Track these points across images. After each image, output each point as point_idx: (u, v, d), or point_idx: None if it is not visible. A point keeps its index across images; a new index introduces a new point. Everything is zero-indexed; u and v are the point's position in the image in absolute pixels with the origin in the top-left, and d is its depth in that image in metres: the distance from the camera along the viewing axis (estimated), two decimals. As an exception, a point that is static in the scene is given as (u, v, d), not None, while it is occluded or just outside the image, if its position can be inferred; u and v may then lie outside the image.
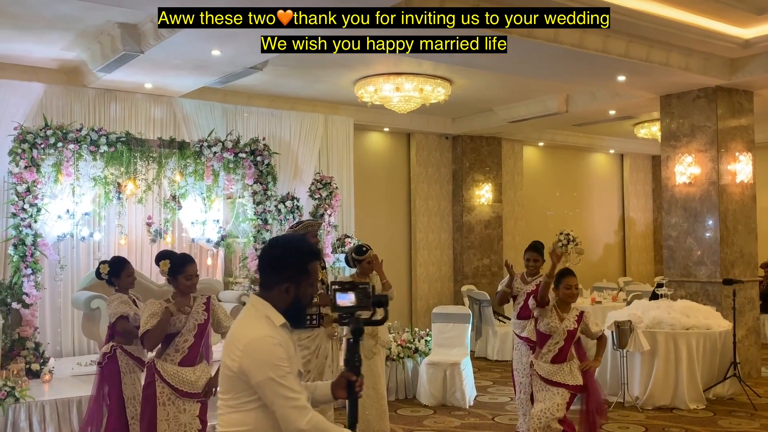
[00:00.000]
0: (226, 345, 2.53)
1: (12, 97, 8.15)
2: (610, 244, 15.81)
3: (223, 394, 2.51)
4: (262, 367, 2.41)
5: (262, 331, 2.47)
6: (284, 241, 2.71)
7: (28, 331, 7.29)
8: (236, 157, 8.57)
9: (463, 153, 13.04)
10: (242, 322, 2.56)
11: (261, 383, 2.41)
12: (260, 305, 2.56)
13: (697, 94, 9.20)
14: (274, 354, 2.44)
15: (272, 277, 2.58)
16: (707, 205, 9.15)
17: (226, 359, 2.47)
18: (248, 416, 2.46)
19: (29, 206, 7.35)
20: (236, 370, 2.44)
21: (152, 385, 4.45)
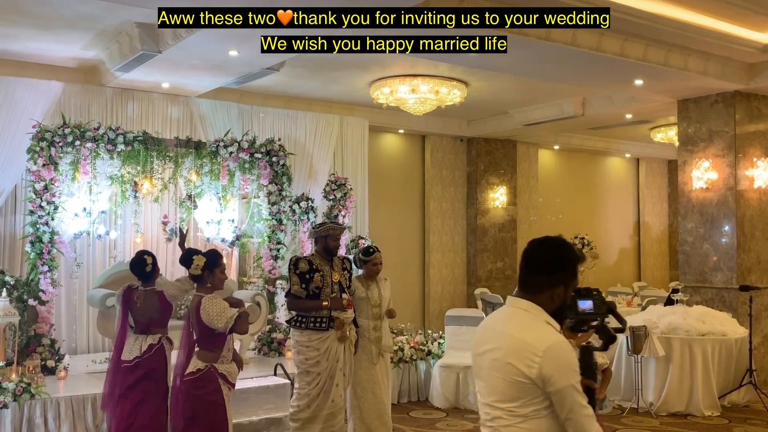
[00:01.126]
0: (510, 351, 2.42)
1: (31, 95, 8.21)
2: (625, 249, 15.73)
3: (509, 402, 2.41)
4: (565, 373, 2.36)
5: (556, 336, 2.43)
6: (559, 243, 2.62)
7: (43, 327, 7.34)
8: (252, 158, 8.60)
9: (478, 155, 13.02)
10: (525, 327, 2.46)
11: (562, 390, 2.35)
12: (534, 310, 2.49)
13: (715, 98, 9.14)
14: (574, 360, 2.41)
15: (543, 280, 2.52)
16: (724, 210, 9.08)
17: (517, 365, 2.38)
18: (541, 424, 2.39)
19: (47, 204, 7.39)
20: (533, 377, 2.35)
21: (217, 392, 4.43)
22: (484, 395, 2.53)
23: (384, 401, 6.13)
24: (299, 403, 5.69)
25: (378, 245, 10.15)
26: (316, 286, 5.64)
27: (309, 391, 5.65)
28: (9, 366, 6.52)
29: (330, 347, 5.65)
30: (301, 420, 5.67)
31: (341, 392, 5.73)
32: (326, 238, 5.83)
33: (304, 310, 5.68)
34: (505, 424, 2.42)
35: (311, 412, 5.64)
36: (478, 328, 2.71)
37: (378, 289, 6.12)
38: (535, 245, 2.61)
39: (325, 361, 5.64)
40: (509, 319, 2.54)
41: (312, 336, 5.64)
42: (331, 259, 5.82)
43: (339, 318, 5.66)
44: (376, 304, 6.07)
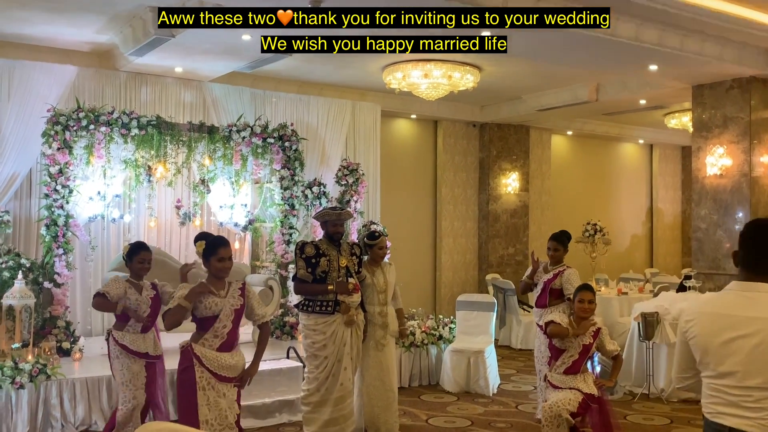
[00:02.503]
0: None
1: (46, 79, 8.27)
2: (637, 235, 15.67)
3: None
4: None
5: None
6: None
7: (59, 309, 7.42)
8: (264, 142, 8.61)
9: (491, 141, 12.98)
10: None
11: None
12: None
13: (731, 84, 9.07)
14: None
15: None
16: (738, 197, 9.03)
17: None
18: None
19: (61, 187, 7.45)
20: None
21: (190, 370, 4.27)
22: (742, 379, 2.65)
23: (391, 386, 6.16)
24: (309, 386, 5.74)
25: (389, 231, 10.27)
26: (322, 271, 5.66)
27: (317, 374, 5.69)
28: (25, 347, 6.60)
29: (336, 331, 5.67)
30: (312, 403, 5.72)
31: (350, 376, 5.77)
32: (326, 224, 5.83)
33: (311, 293, 5.70)
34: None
35: (321, 396, 5.69)
36: (702, 317, 2.81)
37: (383, 275, 6.13)
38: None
39: (332, 345, 5.66)
40: (757, 305, 2.66)
41: (318, 320, 5.67)
42: (338, 244, 5.84)
43: (345, 302, 5.68)
44: (381, 289, 6.09)
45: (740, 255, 2.77)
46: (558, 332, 5.24)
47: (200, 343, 4.30)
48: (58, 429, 6.10)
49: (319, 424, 5.70)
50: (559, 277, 6.26)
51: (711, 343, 2.76)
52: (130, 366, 5.14)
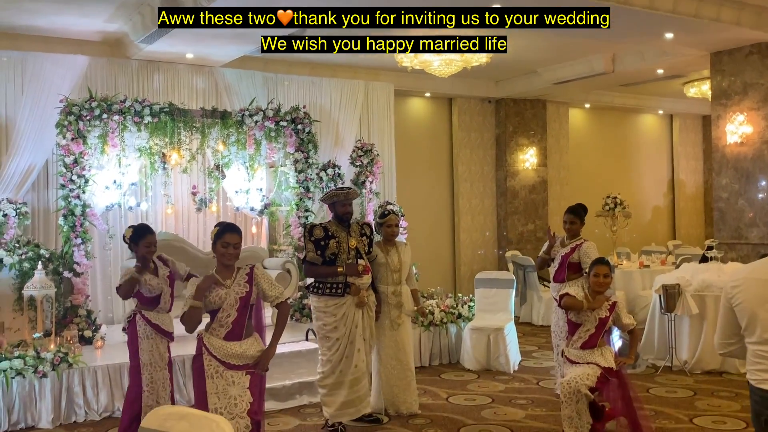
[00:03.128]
0: None
1: (58, 70, 8.30)
2: (659, 207, 15.49)
3: None
4: None
5: None
6: None
7: (79, 299, 7.49)
8: (277, 126, 8.59)
9: (507, 117, 12.86)
10: None
11: None
12: None
13: (750, 49, 8.87)
14: None
15: None
16: (760, 164, 8.86)
17: None
18: None
19: (77, 177, 7.50)
20: None
21: (199, 358, 4.28)
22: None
23: (409, 365, 6.16)
24: (324, 369, 5.76)
25: (406, 210, 10.24)
26: (332, 252, 5.65)
27: (330, 356, 5.70)
28: (48, 337, 6.68)
29: (347, 313, 5.66)
30: (328, 386, 5.73)
31: (364, 357, 5.77)
32: (334, 205, 5.80)
33: (320, 276, 5.69)
34: None
35: (336, 378, 5.70)
36: (748, 282, 2.88)
37: (398, 254, 6.11)
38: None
39: (342, 327, 5.66)
40: None
41: (329, 302, 5.66)
42: (348, 225, 5.81)
43: (355, 284, 5.67)
44: (396, 269, 6.06)
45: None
46: (572, 304, 5.18)
47: (209, 331, 4.29)
48: (81, 416, 6.18)
49: (337, 405, 5.72)
50: (577, 251, 6.19)
51: (758, 309, 2.81)
52: (158, 346, 5.18)
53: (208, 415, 2.56)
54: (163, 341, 5.20)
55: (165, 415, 2.63)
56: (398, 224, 6.18)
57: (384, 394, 6.14)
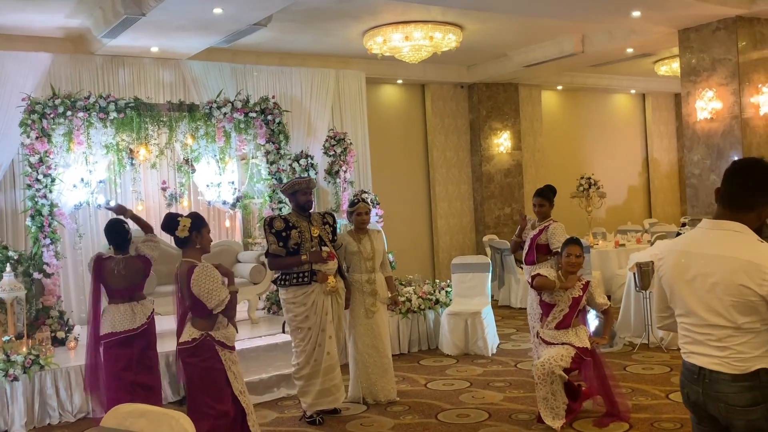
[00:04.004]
0: (737, 273, 2.54)
1: (20, 68, 8.15)
2: (634, 187, 15.57)
3: (742, 320, 2.55)
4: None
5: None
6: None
7: (51, 300, 7.37)
8: (246, 117, 8.48)
9: (480, 101, 12.83)
10: (745, 248, 2.57)
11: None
12: (745, 231, 2.61)
13: (717, 25, 8.89)
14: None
15: (758, 199, 2.63)
16: (730, 139, 8.91)
17: (749, 286, 2.51)
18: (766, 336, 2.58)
19: (43, 177, 7.35)
20: (765, 294, 2.50)
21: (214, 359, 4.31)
22: (705, 317, 2.63)
23: (385, 352, 6.14)
24: (298, 360, 5.74)
25: (382, 198, 10.19)
26: (294, 243, 5.62)
27: (304, 347, 5.68)
28: (19, 339, 6.57)
29: (316, 301, 5.65)
30: (304, 377, 5.72)
31: (335, 344, 5.77)
32: (295, 194, 5.77)
33: (285, 267, 5.67)
34: (739, 342, 2.57)
35: (311, 368, 5.68)
36: (671, 255, 2.78)
37: (371, 242, 6.07)
38: (752, 165, 2.68)
39: (313, 315, 5.64)
40: (722, 242, 2.62)
41: (297, 292, 5.64)
42: (308, 215, 5.79)
43: (321, 270, 5.64)
44: (368, 257, 6.03)
45: (720, 192, 2.74)
46: (544, 284, 5.18)
47: (216, 328, 4.34)
48: (56, 418, 6.10)
49: (314, 395, 5.70)
50: (545, 232, 6.20)
51: (677, 281, 2.74)
52: None
53: (168, 412, 2.52)
54: None
55: (124, 414, 2.59)
56: (368, 212, 6.13)
57: (361, 383, 6.12)
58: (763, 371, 2.56)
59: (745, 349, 2.57)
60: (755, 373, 2.56)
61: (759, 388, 2.56)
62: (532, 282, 5.39)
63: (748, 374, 2.57)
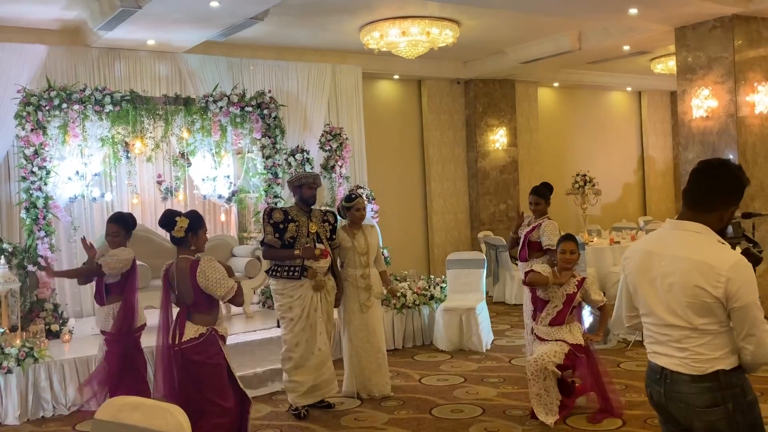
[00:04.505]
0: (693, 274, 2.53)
1: (16, 60, 8.11)
2: (629, 184, 15.60)
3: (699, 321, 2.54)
4: (749, 290, 2.48)
5: (735, 254, 2.52)
6: (737, 166, 2.69)
7: (45, 292, 7.37)
8: (242, 111, 8.47)
9: (476, 97, 12.83)
10: (702, 249, 2.55)
11: (746, 306, 2.47)
12: (705, 231, 2.59)
13: (713, 24, 8.90)
14: (754, 277, 2.51)
15: (718, 200, 2.61)
16: (725, 138, 8.92)
17: (704, 287, 2.50)
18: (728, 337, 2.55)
19: (38, 169, 7.34)
20: (719, 296, 2.48)
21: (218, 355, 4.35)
22: (665, 318, 2.62)
23: (380, 347, 6.15)
24: (283, 348, 5.79)
25: (377, 194, 10.19)
26: (290, 236, 5.64)
27: (290, 336, 5.72)
28: (13, 332, 6.57)
29: (304, 294, 5.67)
30: (290, 368, 5.75)
31: (326, 340, 5.79)
32: (301, 188, 5.79)
33: (278, 259, 5.71)
34: (698, 343, 2.55)
35: (296, 361, 5.71)
36: (636, 254, 2.77)
37: (364, 237, 6.08)
38: (716, 165, 2.67)
39: (298, 307, 5.66)
40: (682, 243, 2.61)
41: (286, 284, 5.69)
42: (309, 211, 5.79)
43: (312, 267, 5.66)
44: (363, 252, 6.04)
45: (684, 192, 2.74)
46: (537, 280, 5.20)
47: (217, 323, 4.42)
48: (49, 411, 6.09)
49: (303, 390, 5.73)
50: (537, 230, 6.21)
51: (640, 280, 2.73)
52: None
53: (162, 405, 2.51)
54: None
55: (119, 406, 2.59)
56: (365, 207, 6.15)
57: (356, 378, 6.13)
58: (722, 373, 2.55)
59: (704, 351, 2.56)
60: (714, 374, 2.55)
61: (718, 389, 2.55)
62: (525, 278, 5.40)
63: (707, 375, 2.56)
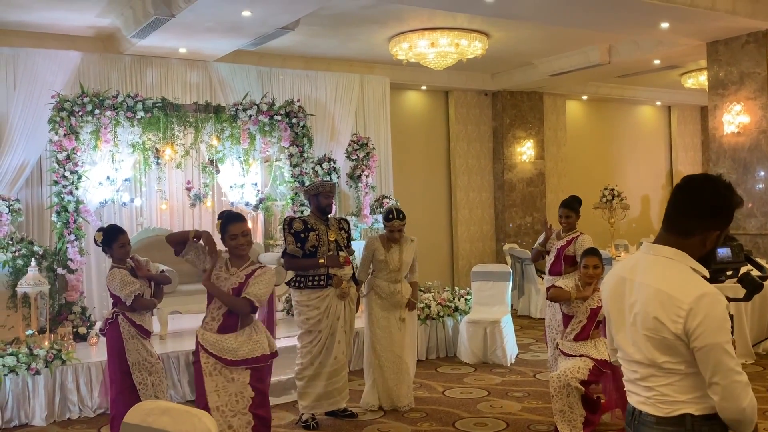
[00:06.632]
0: (653, 305, 2.21)
1: (50, 65, 8.25)
2: (657, 199, 15.44)
3: (662, 359, 2.22)
4: (710, 329, 2.11)
5: (704, 287, 2.16)
6: (724, 184, 2.29)
7: (74, 295, 7.46)
8: (271, 120, 8.53)
9: (503, 109, 12.80)
10: (668, 278, 2.22)
11: (706, 348, 2.12)
12: (678, 257, 2.24)
13: (746, 39, 8.81)
14: (722, 315, 2.14)
15: (697, 223, 2.25)
16: (757, 154, 8.81)
17: (663, 321, 2.18)
18: (700, 379, 2.19)
19: (70, 173, 7.45)
20: (679, 333, 2.15)
21: (196, 356, 4.19)
22: (630, 353, 2.32)
23: (404, 359, 6.12)
24: (303, 360, 5.76)
25: (403, 204, 10.17)
26: (312, 245, 5.64)
27: (311, 348, 5.71)
28: (42, 334, 6.65)
29: (330, 305, 5.67)
30: (306, 377, 5.74)
31: (344, 348, 5.78)
32: (317, 197, 5.78)
33: (302, 268, 5.68)
34: (663, 383, 2.24)
35: (314, 370, 5.70)
36: (611, 280, 2.47)
37: (399, 253, 6.04)
38: (696, 183, 2.30)
39: (326, 319, 5.66)
40: (650, 269, 2.29)
41: (311, 295, 5.65)
42: (326, 219, 5.81)
43: (337, 275, 5.66)
44: (395, 268, 6.01)
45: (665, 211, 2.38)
46: (558, 295, 5.16)
47: (203, 327, 4.18)
48: (75, 413, 6.16)
49: (313, 397, 5.73)
50: (573, 244, 6.14)
51: (611, 310, 2.43)
52: (144, 344, 5.10)
53: (191, 410, 2.52)
54: (146, 339, 5.11)
55: (147, 410, 2.60)
56: (401, 230, 6.03)
57: (378, 388, 6.11)
58: (690, 417, 2.21)
59: (670, 392, 2.23)
60: (680, 417, 2.22)
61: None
62: (548, 293, 5.36)
63: (673, 418, 2.23)
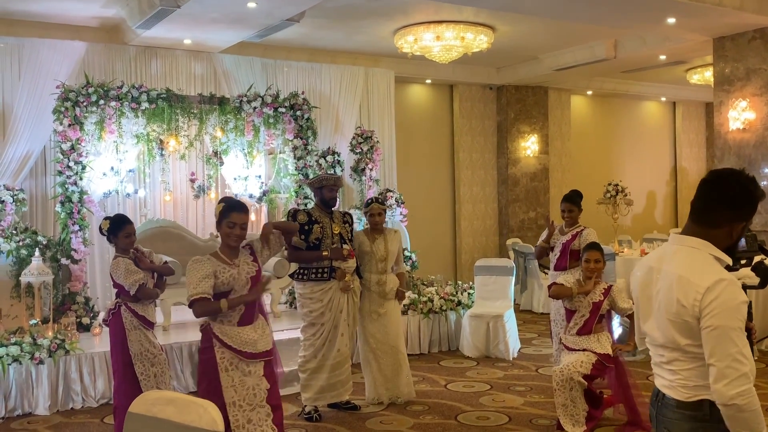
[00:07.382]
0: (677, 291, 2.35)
1: (55, 56, 8.24)
2: (661, 195, 15.42)
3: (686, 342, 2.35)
4: (720, 312, 2.25)
5: (721, 273, 2.31)
6: (749, 177, 2.45)
7: (77, 286, 7.47)
8: (276, 112, 8.53)
9: (508, 104, 12.78)
10: (691, 265, 2.37)
11: (712, 328, 2.25)
12: (703, 246, 2.40)
13: (753, 35, 8.78)
14: (735, 302, 2.26)
15: (726, 214, 2.40)
16: (762, 151, 8.79)
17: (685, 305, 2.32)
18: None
19: (74, 164, 7.45)
20: (697, 314, 2.29)
21: (210, 350, 4.03)
22: (656, 337, 2.46)
23: (399, 349, 6.11)
24: (306, 353, 5.77)
25: (406, 198, 10.19)
26: (316, 238, 5.63)
27: (314, 341, 5.72)
28: (45, 324, 6.67)
29: (333, 298, 5.67)
30: (309, 370, 5.75)
31: (347, 341, 5.79)
32: (321, 189, 5.77)
33: (305, 261, 5.68)
34: (686, 367, 2.37)
35: (317, 362, 5.71)
36: (640, 270, 2.60)
37: (384, 243, 6.02)
38: (722, 177, 2.44)
39: (329, 312, 5.66)
40: (674, 258, 2.44)
41: (314, 287, 5.65)
42: (330, 212, 5.80)
43: (341, 268, 5.66)
44: (381, 258, 5.99)
45: (691, 204, 2.53)
46: (560, 292, 5.16)
47: (218, 320, 4.02)
48: (79, 403, 6.17)
49: (316, 389, 5.74)
50: (578, 238, 6.12)
51: (641, 297, 2.57)
52: (146, 336, 5.09)
53: (196, 400, 2.52)
54: (149, 330, 5.09)
55: (153, 400, 2.60)
56: (381, 213, 6.04)
57: (377, 382, 6.10)
58: (709, 404, 2.33)
59: (692, 376, 2.36)
60: (699, 403, 2.35)
61: (701, 420, 2.35)
62: (549, 290, 5.36)
63: (692, 403, 2.37)
